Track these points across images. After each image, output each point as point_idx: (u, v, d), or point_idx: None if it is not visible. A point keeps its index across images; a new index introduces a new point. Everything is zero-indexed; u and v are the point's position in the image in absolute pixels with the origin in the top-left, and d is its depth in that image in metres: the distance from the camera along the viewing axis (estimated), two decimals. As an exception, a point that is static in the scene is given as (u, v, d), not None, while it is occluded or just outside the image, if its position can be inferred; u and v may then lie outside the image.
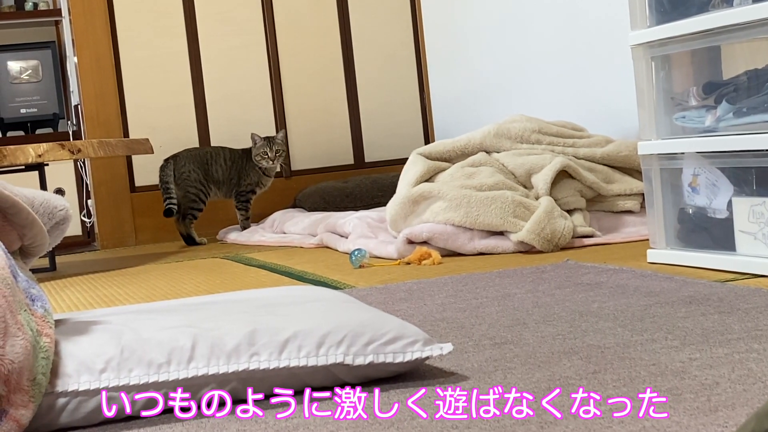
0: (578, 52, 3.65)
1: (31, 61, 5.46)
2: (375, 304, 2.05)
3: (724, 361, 1.33)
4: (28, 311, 1.28)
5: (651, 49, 2.36)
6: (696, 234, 2.31)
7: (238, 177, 4.41)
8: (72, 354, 1.30)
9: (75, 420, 1.27)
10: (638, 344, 1.48)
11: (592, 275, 2.21)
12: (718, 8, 2.18)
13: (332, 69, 5.07)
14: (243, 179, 4.41)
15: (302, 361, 1.32)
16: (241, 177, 4.41)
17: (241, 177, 4.41)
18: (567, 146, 3.17)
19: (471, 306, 1.97)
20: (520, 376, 1.34)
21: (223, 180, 4.40)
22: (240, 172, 4.41)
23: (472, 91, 4.46)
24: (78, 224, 5.15)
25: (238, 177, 4.41)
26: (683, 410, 1.11)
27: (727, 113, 2.19)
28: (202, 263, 3.47)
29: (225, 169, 4.40)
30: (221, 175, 4.39)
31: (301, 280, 2.68)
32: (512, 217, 2.85)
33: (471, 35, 4.41)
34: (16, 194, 1.45)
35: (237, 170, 4.41)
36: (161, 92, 4.85)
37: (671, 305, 1.77)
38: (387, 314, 1.46)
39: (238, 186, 4.41)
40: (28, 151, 3.34)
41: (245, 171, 4.40)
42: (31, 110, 5.45)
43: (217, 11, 4.92)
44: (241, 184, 4.41)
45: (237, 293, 1.73)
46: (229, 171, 4.41)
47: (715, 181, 2.23)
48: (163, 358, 1.29)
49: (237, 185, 4.42)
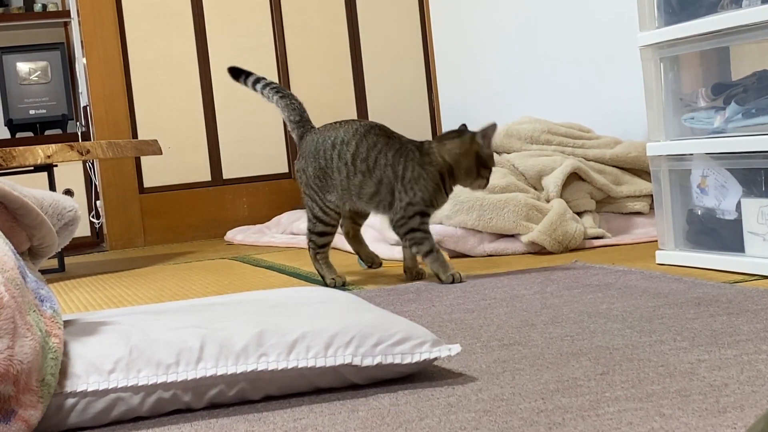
0: (586, 54, 3.65)
1: (40, 62, 5.47)
2: (383, 305, 2.05)
3: (732, 363, 1.32)
4: (37, 312, 1.29)
5: (660, 50, 2.35)
6: (705, 235, 2.31)
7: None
8: (81, 354, 1.30)
9: (84, 420, 1.27)
10: (647, 345, 1.48)
11: (601, 276, 2.21)
12: (727, 9, 2.18)
13: (341, 71, 5.07)
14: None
15: (311, 362, 1.32)
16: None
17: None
18: (576, 147, 3.17)
19: (479, 307, 1.96)
20: (529, 377, 1.34)
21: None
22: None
23: (479, 93, 4.46)
24: (87, 225, 5.16)
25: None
26: (692, 411, 1.11)
27: (735, 114, 2.18)
28: (211, 264, 3.48)
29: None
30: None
31: (309, 281, 2.68)
32: (525, 220, 2.85)
33: (479, 37, 4.41)
34: (25, 195, 1.45)
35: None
36: (170, 93, 4.86)
37: (680, 306, 1.77)
38: (395, 315, 1.46)
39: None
40: (37, 153, 3.35)
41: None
42: (40, 111, 5.46)
43: (226, 13, 4.92)
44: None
45: (245, 294, 1.74)
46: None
47: (724, 183, 2.23)
48: (172, 359, 1.30)
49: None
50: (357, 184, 2.39)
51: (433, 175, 2.36)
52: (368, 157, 2.37)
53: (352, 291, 2.33)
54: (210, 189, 4.89)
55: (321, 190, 2.44)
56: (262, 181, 4.94)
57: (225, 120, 4.90)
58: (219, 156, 4.90)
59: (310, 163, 2.45)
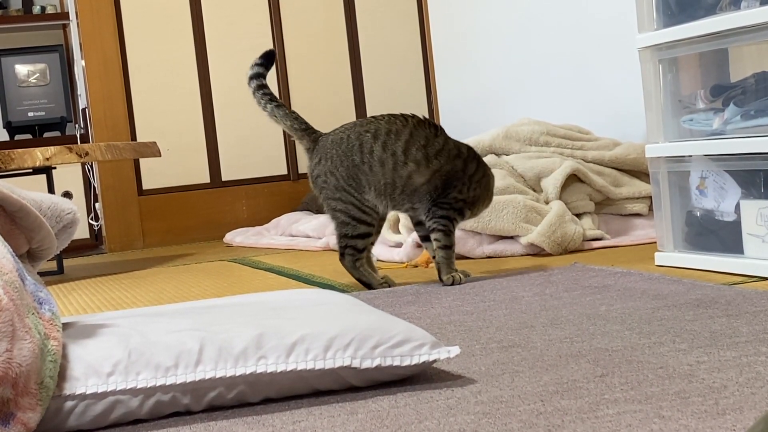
0: (585, 55, 3.65)
1: (39, 64, 5.47)
2: (382, 307, 2.05)
3: (731, 364, 1.32)
4: (36, 314, 1.28)
5: (658, 51, 2.35)
6: (704, 237, 2.31)
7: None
8: (80, 357, 1.30)
9: (82, 423, 1.27)
10: (646, 347, 1.48)
11: (600, 278, 2.21)
12: (726, 11, 2.18)
13: (339, 73, 5.07)
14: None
15: (310, 365, 1.32)
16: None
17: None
18: (575, 149, 3.17)
19: (478, 309, 1.96)
20: (528, 379, 1.34)
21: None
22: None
23: (478, 95, 4.46)
24: (86, 227, 5.16)
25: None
26: (691, 413, 1.11)
27: (734, 116, 2.18)
28: (210, 266, 3.48)
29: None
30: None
31: (309, 283, 2.68)
32: (524, 222, 2.85)
33: (477, 39, 4.41)
34: (23, 197, 1.45)
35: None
36: (169, 95, 4.86)
37: (679, 308, 1.77)
38: (394, 317, 1.46)
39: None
40: (35, 155, 3.35)
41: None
42: (39, 114, 5.46)
43: (225, 15, 4.92)
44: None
45: (244, 296, 1.73)
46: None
47: (723, 184, 2.23)
48: (171, 362, 1.29)
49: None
50: (405, 175, 2.34)
51: (489, 186, 2.46)
52: (428, 145, 2.34)
53: (350, 293, 2.32)
54: (209, 191, 4.89)
55: (357, 190, 2.36)
56: (261, 183, 4.94)
57: (224, 122, 4.90)
58: (218, 158, 4.90)
59: (339, 163, 2.36)
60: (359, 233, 2.38)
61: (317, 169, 2.39)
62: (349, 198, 2.36)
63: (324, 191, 2.39)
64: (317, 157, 2.40)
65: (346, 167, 2.36)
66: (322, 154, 2.39)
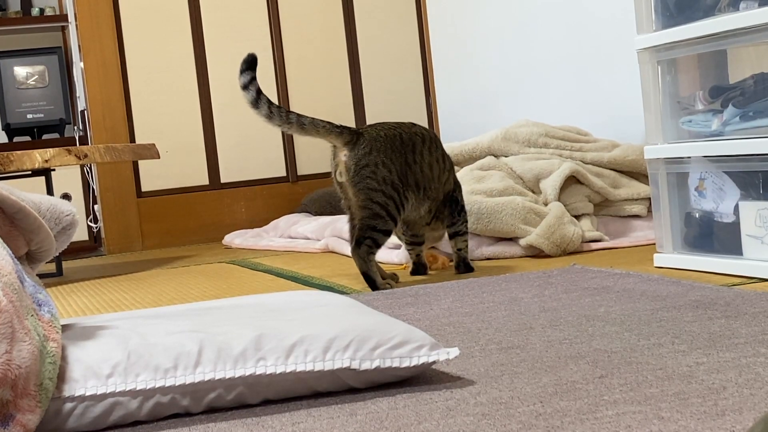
0: (584, 57, 3.65)
1: (38, 66, 5.47)
2: (381, 309, 2.05)
3: (731, 366, 1.32)
4: (35, 316, 1.28)
5: (657, 53, 2.36)
6: (703, 238, 2.31)
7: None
8: (79, 359, 1.30)
9: (82, 425, 1.27)
10: (645, 348, 1.48)
11: (599, 279, 2.21)
12: (725, 12, 2.18)
13: (338, 74, 5.07)
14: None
15: (309, 366, 1.32)
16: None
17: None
18: (574, 150, 3.17)
19: (477, 310, 1.96)
20: (527, 380, 1.34)
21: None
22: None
23: (477, 97, 4.46)
24: (84, 229, 5.16)
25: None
26: (690, 414, 1.11)
27: (733, 117, 2.18)
28: (209, 268, 3.48)
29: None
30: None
31: (308, 284, 2.68)
32: (522, 224, 2.85)
33: (477, 40, 4.41)
34: (22, 199, 1.45)
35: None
36: (168, 97, 4.86)
37: (678, 309, 1.77)
38: (393, 319, 1.46)
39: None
40: (34, 157, 3.35)
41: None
42: (38, 115, 5.46)
43: (224, 17, 4.92)
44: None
45: (243, 298, 1.73)
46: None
47: (722, 185, 2.23)
48: (170, 363, 1.29)
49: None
50: (444, 180, 2.53)
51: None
52: (446, 155, 2.56)
53: (350, 294, 2.33)
54: (208, 193, 4.89)
55: (405, 188, 2.39)
56: (260, 184, 4.94)
57: (223, 124, 4.91)
58: (217, 160, 4.90)
59: (395, 158, 2.38)
60: (386, 229, 2.40)
61: (366, 158, 2.37)
62: (392, 194, 2.38)
63: (368, 180, 2.37)
64: (367, 147, 2.38)
65: (400, 164, 2.40)
66: (373, 145, 2.38)
